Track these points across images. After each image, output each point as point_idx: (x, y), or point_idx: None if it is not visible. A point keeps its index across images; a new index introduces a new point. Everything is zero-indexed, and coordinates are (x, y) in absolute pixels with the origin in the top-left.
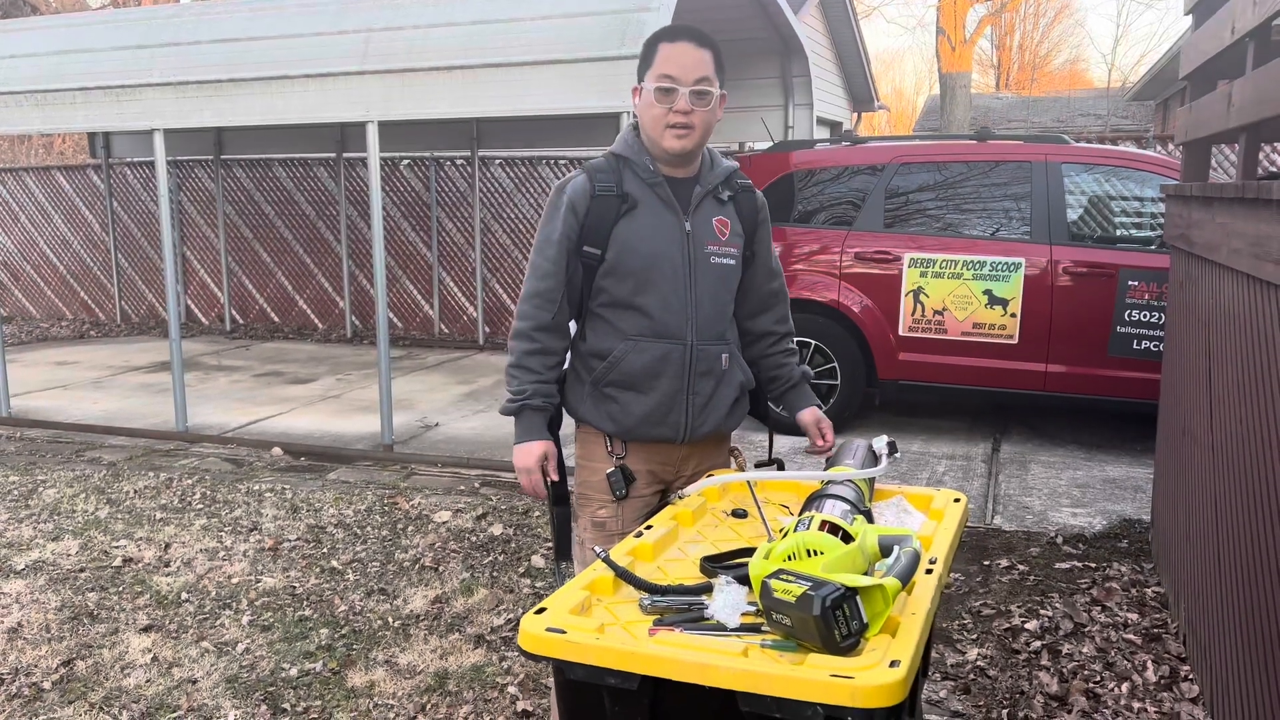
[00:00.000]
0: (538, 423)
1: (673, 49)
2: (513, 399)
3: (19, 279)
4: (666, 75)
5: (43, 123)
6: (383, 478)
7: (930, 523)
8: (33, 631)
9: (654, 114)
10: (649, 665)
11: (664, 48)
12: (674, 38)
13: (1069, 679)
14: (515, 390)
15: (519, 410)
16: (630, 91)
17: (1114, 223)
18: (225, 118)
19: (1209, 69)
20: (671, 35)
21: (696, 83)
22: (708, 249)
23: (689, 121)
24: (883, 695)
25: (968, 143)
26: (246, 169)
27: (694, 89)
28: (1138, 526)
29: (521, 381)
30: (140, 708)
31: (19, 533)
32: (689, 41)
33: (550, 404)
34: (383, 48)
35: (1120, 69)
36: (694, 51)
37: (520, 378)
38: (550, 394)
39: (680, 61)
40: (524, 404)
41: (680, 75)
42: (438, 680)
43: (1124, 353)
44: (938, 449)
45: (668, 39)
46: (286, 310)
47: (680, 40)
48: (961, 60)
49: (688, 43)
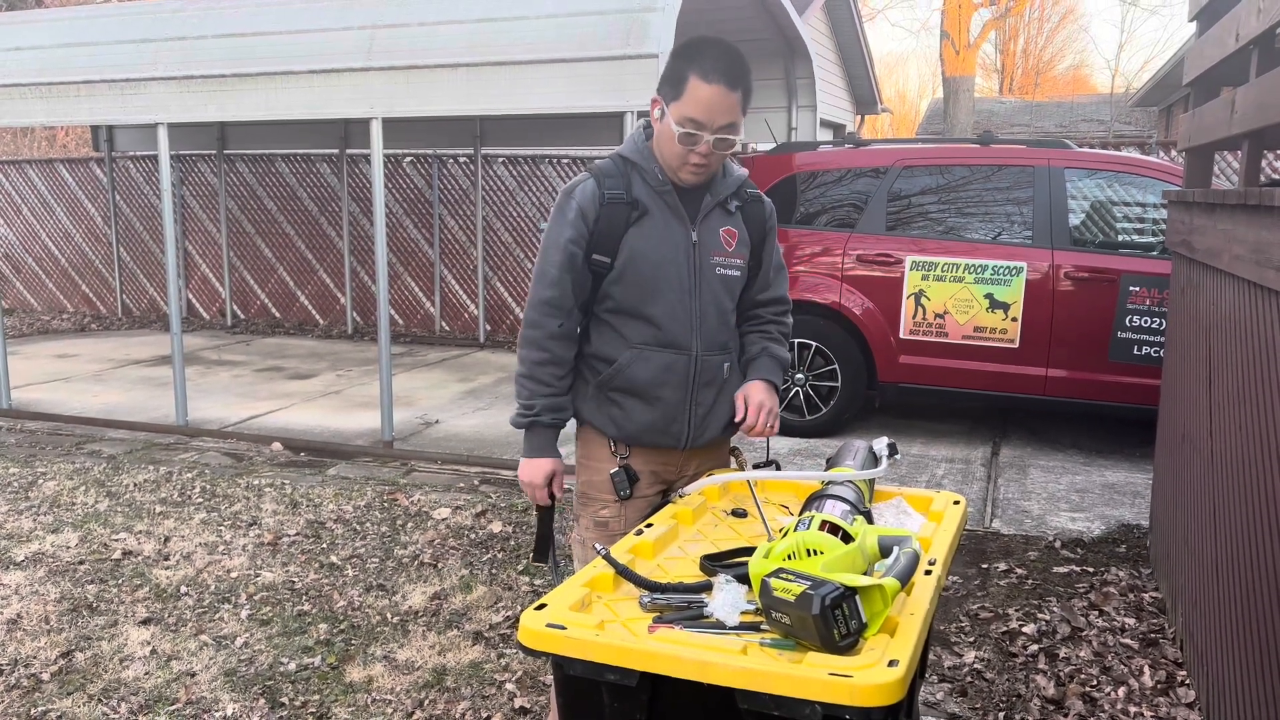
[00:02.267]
0: (548, 440)
1: (704, 90)
2: (523, 413)
3: (20, 271)
4: (692, 119)
5: (46, 115)
6: (382, 474)
7: (929, 524)
8: (32, 623)
9: (674, 149)
10: (648, 662)
11: (695, 84)
12: (707, 76)
13: (1066, 683)
14: (525, 404)
15: (529, 426)
16: (637, 91)
17: (1116, 228)
18: (229, 112)
19: (1212, 75)
20: (704, 72)
21: (721, 129)
22: (713, 259)
23: (708, 163)
24: (881, 694)
25: (971, 147)
26: (249, 164)
27: (718, 136)
28: (1136, 532)
29: (533, 395)
30: (139, 700)
31: (19, 524)
32: (722, 84)
33: (560, 419)
34: (387, 44)
35: (1124, 75)
36: (725, 97)
37: (531, 390)
38: (561, 408)
39: (709, 105)
40: (534, 420)
41: (707, 121)
42: (436, 676)
43: (1124, 358)
44: (937, 452)
45: (699, 74)
46: (288, 306)
47: (714, 82)
48: (965, 64)
49: (721, 85)
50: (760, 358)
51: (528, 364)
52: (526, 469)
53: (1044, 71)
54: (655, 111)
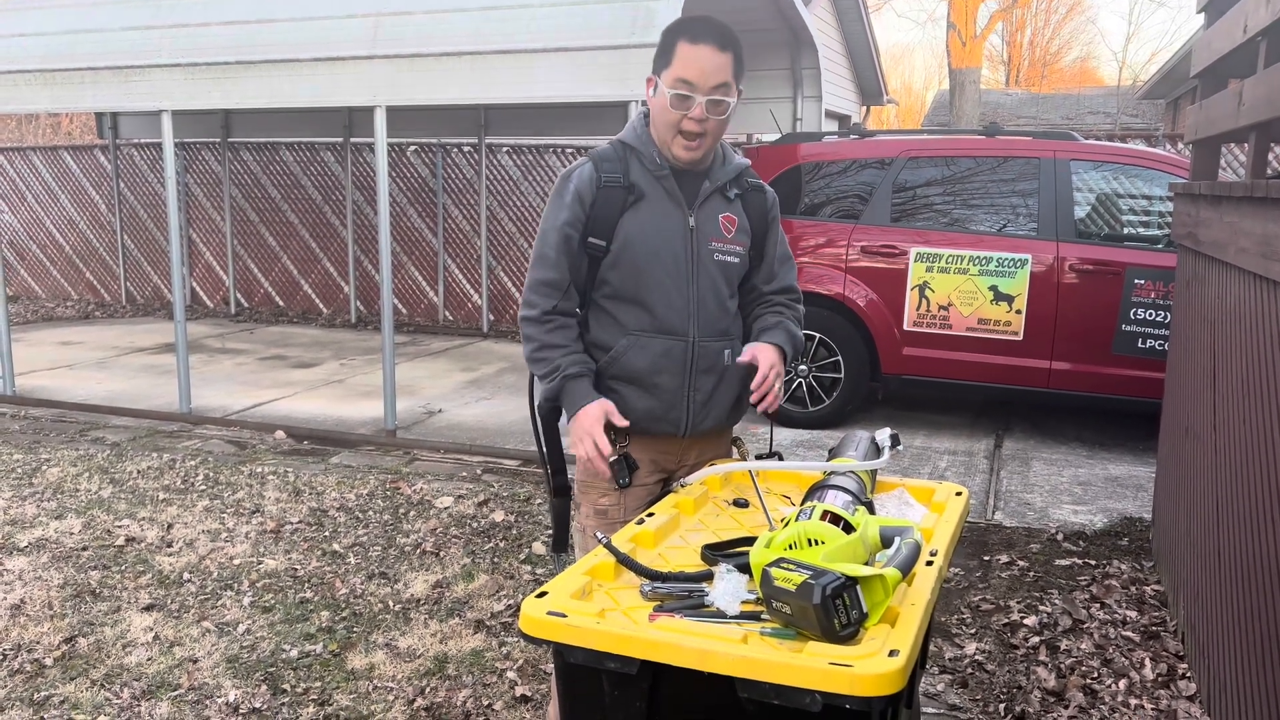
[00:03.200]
0: (584, 387)
1: (693, 51)
2: (548, 376)
3: (25, 258)
4: (683, 80)
5: (50, 102)
6: (385, 463)
7: (931, 515)
8: (35, 608)
9: (667, 118)
10: (649, 650)
11: (683, 47)
12: (695, 38)
13: (1067, 675)
14: (548, 371)
15: (560, 384)
16: (642, 80)
17: (1121, 220)
18: (233, 100)
19: (1220, 67)
20: (692, 35)
21: (714, 90)
22: (711, 245)
23: (702, 129)
24: (881, 684)
25: (976, 138)
26: (253, 152)
27: (711, 97)
28: (1139, 525)
29: (550, 358)
30: (141, 685)
31: (22, 510)
32: (710, 44)
33: (588, 367)
34: (392, 32)
35: (1131, 67)
36: (715, 56)
37: (547, 355)
38: (584, 360)
39: (699, 65)
40: (564, 376)
41: (698, 81)
42: (437, 664)
43: (1129, 351)
44: (940, 444)
45: (688, 38)
46: (291, 294)
47: (701, 42)
48: (972, 56)
49: (709, 45)
50: (776, 328)
51: (535, 341)
52: (579, 421)
53: (1051, 63)
54: (649, 90)
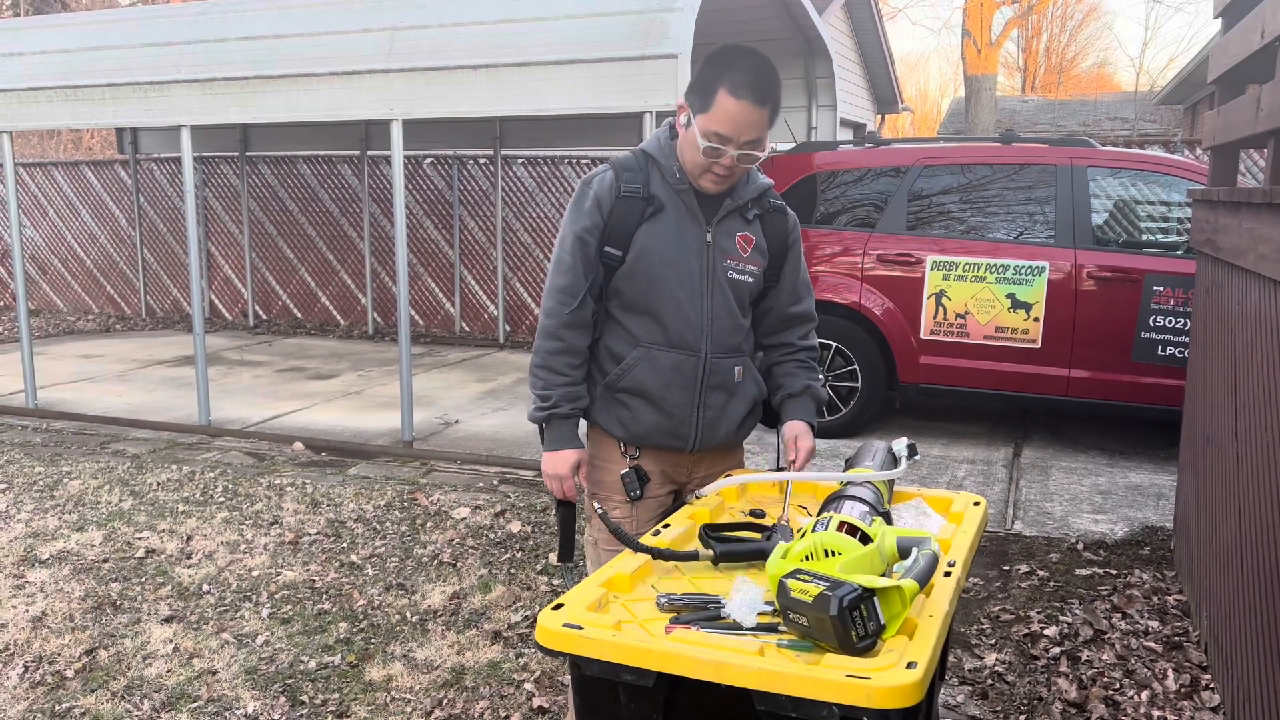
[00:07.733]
0: (568, 431)
1: (733, 105)
2: (540, 406)
3: (47, 272)
4: (717, 134)
5: (71, 118)
6: (402, 474)
7: (949, 526)
8: (57, 620)
9: (696, 160)
10: (665, 662)
11: (723, 99)
12: (736, 91)
13: (1088, 686)
14: (541, 395)
15: (547, 419)
16: (655, 91)
17: (1139, 227)
18: (251, 114)
19: (1238, 73)
20: (734, 86)
21: (746, 145)
22: (727, 262)
23: (730, 174)
24: (899, 696)
25: (992, 145)
26: (271, 166)
27: (742, 151)
28: (1160, 534)
29: (548, 385)
30: (161, 697)
31: (44, 523)
32: (751, 101)
33: (578, 410)
34: (407, 46)
35: (1148, 73)
36: (752, 112)
37: (546, 380)
38: (577, 398)
39: (736, 121)
40: (552, 412)
41: (733, 136)
42: (455, 675)
43: (1148, 358)
44: (958, 453)
45: (729, 88)
46: (309, 306)
47: (743, 98)
48: (987, 63)
49: (749, 102)
50: (803, 396)
51: (542, 354)
52: (550, 462)
53: (1067, 70)
54: (682, 118)
